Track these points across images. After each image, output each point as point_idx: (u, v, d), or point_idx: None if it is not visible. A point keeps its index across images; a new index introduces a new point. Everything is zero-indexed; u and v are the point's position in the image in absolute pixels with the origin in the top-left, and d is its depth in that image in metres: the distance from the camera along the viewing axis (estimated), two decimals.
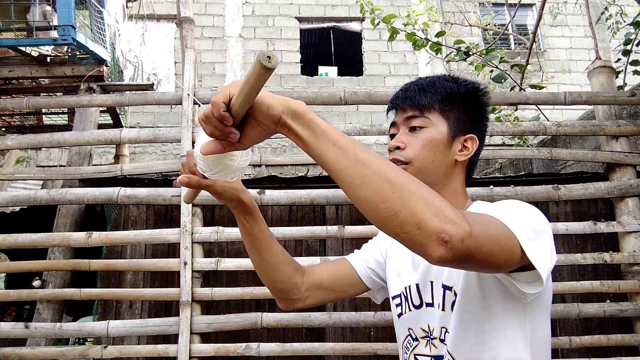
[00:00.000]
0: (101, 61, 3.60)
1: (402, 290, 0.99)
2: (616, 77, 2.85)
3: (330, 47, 9.08)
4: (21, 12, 3.94)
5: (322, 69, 8.64)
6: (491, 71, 3.65)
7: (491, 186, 2.53)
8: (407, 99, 0.94)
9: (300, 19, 8.60)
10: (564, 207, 2.76)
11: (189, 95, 2.64)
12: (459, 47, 3.50)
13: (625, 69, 3.28)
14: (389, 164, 0.65)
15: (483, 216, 0.69)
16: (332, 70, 8.66)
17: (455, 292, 0.86)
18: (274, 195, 2.53)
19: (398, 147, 0.92)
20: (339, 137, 0.66)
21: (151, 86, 3.89)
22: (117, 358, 2.42)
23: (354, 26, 8.69)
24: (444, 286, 0.89)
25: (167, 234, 2.51)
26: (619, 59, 3.37)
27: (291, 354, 2.43)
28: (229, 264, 2.48)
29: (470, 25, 6.84)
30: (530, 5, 8.97)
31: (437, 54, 3.55)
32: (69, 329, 2.50)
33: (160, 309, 2.65)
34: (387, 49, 8.48)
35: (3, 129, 4.86)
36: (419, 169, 0.90)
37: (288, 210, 2.82)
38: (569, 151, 2.69)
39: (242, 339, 2.50)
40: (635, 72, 3.11)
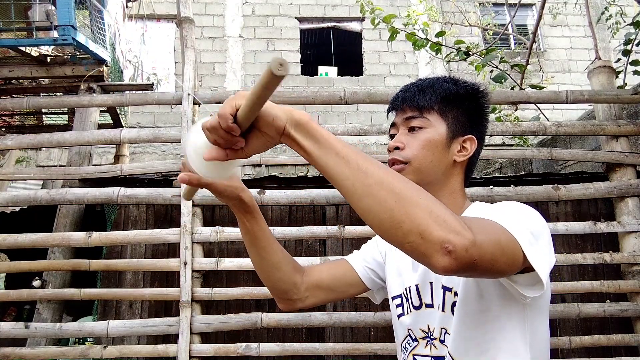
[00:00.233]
0: (101, 61, 3.60)
1: (402, 291, 1.00)
2: (616, 77, 2.85)
3: (330, 47, 9.08)
4: (21, 12, 3.94)
5: (322, 69, 8.64)
6: (491, 71, 3.65)
7: (491, 186, 2.53)
8: (406, 99, 0.95)
9: (300, 19, 8.60)
10: (564, 207, 2.76)
11: (189, 95, 2.64)
12: (459, 47, 3.50)
13: (625, 69, 3.28)
14: (392, 173, 0.65)
15: (485, 222, 0.69)
16: (332, 70, 8.66)
17: (455, 292, 0.87)
18: (274, 195, 2.53)
19: (397, 148, 0.93)
20: (341, 146, 0.66)
21: (151, 86, 3.89)
22: (117, 358, 2.42)
23: (354, 26, 8.69)
24: (443, 287, 0.89)
25: (167, 234, 2.51)
26: (619, 59, 3.37)
27: (291, 354, 2.43)
28: (229, 264, 2.48)
29: (470, 25, 6.84)
30: (530, 5, 8.97)
31: (437, 54, 3.55)
32: (69, 329, 2.50)
33: (160, 309, 2.65)
34: (387, 49, 8.48)
35: (3, 129, 4.86)
36: (418, 169, 0.91)
37: (288, 210, 2.82)
38: (569, 151, 2.69)
39: (242, 339, 2.50)
40: (635, 72, 3.11)
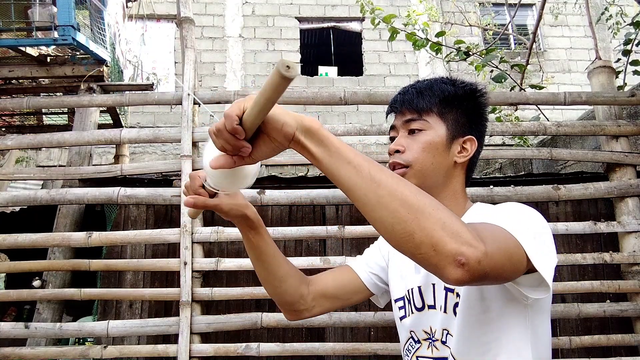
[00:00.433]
0: (101, 61, 3.60)
1: (405, 293, 1.00)
2: (616, 77, 2.85)
3: (330, 47, 9.08)
4: (21, 12, 3.94)
5: (322, 69, 8.64)
6: (491, 71, 3.65)
7: (491, 186, 2.53)
8: (405, 102, 0.95)
9: (300, 19, 8.60)
10: (564, 207, 2.76)
11: (189, 95, 2.64)
12: (459, 47, 3.50)
13: (625, 69, 3.28)
14: (404, 183, 0.64)
15: (493, 230, 0.69)
16: (332, 70, 8.66)
17: (457, 294, 0.86)
18: (274, 195, 2.53)
19: (398, 151, 0.93)
20: (353, 155, 0.65)
21: (151, 86, 3.89)
22: (117, 358, 2.42)
23: (354, 26, 8.69)
24: (446, 288, 0.89)
25: (167, 234, 2.51)
26: (619, 59, 3.37)
27: (291, 354, 2.43)
28: (229, 264, 2.48)
29: (470, 25, 6.84)
30: (530, 5, 8.97)
31: (437, 54, 3.55)
32: (69, 329, 2.50)
33: (160, 309, 2.65)
34: (387, 49, 8.48)
35: (3, 129, 4.86)
36: (419, 171, 0.91)
37: (288, 210, 2.82)
38: (569, 151, 2.69)
39: (242, 339, 2.50)
40: (635, 72, 3.11)
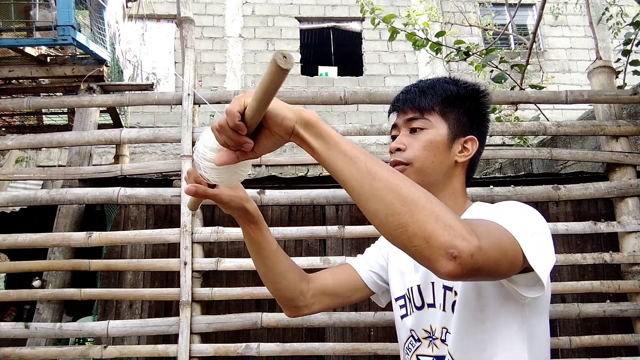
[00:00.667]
0: (101, 61, 3.60)
1: (405, 292, 1.00)
2: (616, 77, 2.85)
3: (330, 47, 9.08)
4: (21, 12, 3.94)
5: (322, 69, 8.64)
6: (491, 71, 3.65)
7: (491, 186, 2.53)
8: (407, 101, 0.95)
9: (300, 19, 8.60)
10: (564, 207, 2.76)
11: (189, 95, 2.64)
12: (459, 47, 3.50)
13: (625, 69, 3.28)
14: (400, 176, 0.65)
15: (489, 225, 0.69)
16: (332, 70, 8.66)
17: (455, 292, 0.87)
18: (274, 195, 2.53)
19: (399, 149, 0.93)
20: (350, 148, 0.67)
21: (151, 86, 3.89)
22: (117, 358, 2.42)
23: (354, 26, 8.69)
24: (444, 287, 0.89)
25: (167, 234, 2.51)
26: (619, 59, 3.37)
27: (291, 354, 2.43)
28: (229, 264, 2.48)
29: (470, 25, 6.84)
30: (530, 5, 8.97)
31: (437, 54, 3.55)
32: (69, 329, 2.50)
33: (160, 309, 2.65)
34: (387, 49, 8.48)
35: (3, 129, 4.86)
36: (419, 169, 0.91)
37: (288, 210, 2.82)
38: (569, 151, 2.69)
39: (242, 339, 2.50)
40: (635, 72, 3.11)
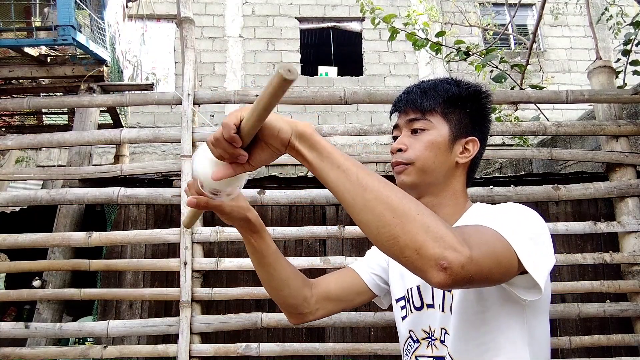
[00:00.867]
0: (101, 61, 3.60)
1: (405, 293, 1.00)
2: (616, 77, 2.85)
3: (330, 47, 9.08)
4: (21, 12, 3.93)
5: (322, 69, 8.64)
6: (491, 71, 3.65)
7: (491, 186, 2.53)
8: (409, 101, 0.95)
9: (300, 19, 8.60)
10: (564, 207, 2.76)
11: (189, 95, 2.64)
12: (459, 47, 3.50)
13: (625, 69, 3.28)
14: (391, 188, 0.66)
15: (482, 233, 0.69)
16: (332, 70, 8.66)
17: (453, 293, 0.86)
18: (274, 195, 2.53)
19: (400, 149, 0.93)
20: (343, 160, 0.68)
21: (151, 86, 3.89)
22: (117, 358, 2.42)
23: (354, 26, 8.68)
24: None
25: (167, 234, 2.51)
26: (618, 59, 3.37)
27: (291, 354, 2.43)
28: (229, 264, 2.48)
29: (470, 25, 6.84)
30: (530, 5, 8.97)
31: (437, 54, 3.55)
32: (69, 329, 2.50)
33: (160, 309, 2.65)
34: (387, 49, 8.48)
35: (3, 129, 4.86)
36: (420, 169, 0.91)
37: (288, 210, 2.82)
38: (569, 151, 2.69)
39: (242, 339, 2.50)
40: (635, 72, 3.11)
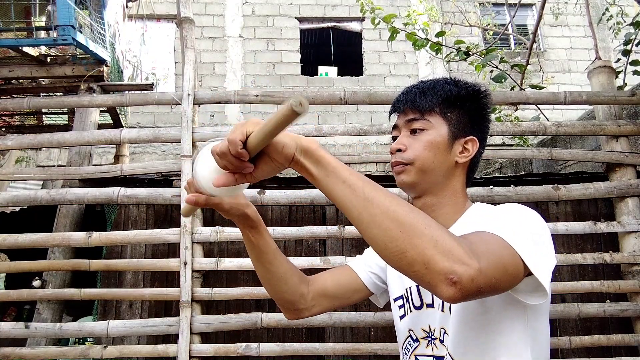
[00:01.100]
0: (101, 61, 3.60)
1: (403, 292, 1.00)
2: (616, 77, 2.85)
3: (330, 47, 9.08)
4: (21, 12, 3.94)
5: (322, 69, 8.64)
6: (491, 71, 3.65)
7: (491, 186, 2.53)
8: (408, 102, 0.95)
9: (300, 19, 8.60)
10: (564, 207, 2.76)
11: (189, 95, 2.64)
12: (459, 47, 3.50)
13: (625, 69, 3.28)
14: (398, 202, 0.65)
15: (488, 242, 0.68)
16: (332, 70, 8.66)
17: None
18: (274, 195, 2.53)
19: (399, 150, 0.94)
20: (348, 174, 0.67)
21: (151, 86, 3.89)
22: (117, 358, 2.42)
23: (354, 26, 8.68)
24: None
25: (167, 234, 2.51)
26: (619, 59, 3.37)
27: (291, 354, 2.43)
28: (229, 264, 2.48)
29: (470, 25, 6.83)
30: (530, 5, 8.97)
31: (437, 54, 3.55)
32: (69, 329, 2.50)
33: (160, 309, 2.65)
34: (387, 49, 8.48)
35: (3, 129, 4.86)
36: (419, 169, 0.91)
37: (288, 210, 2.82)
38: (569, 151, 2.69)
39: (242, 339, 2.50)
40: (635, 72, 3.11)
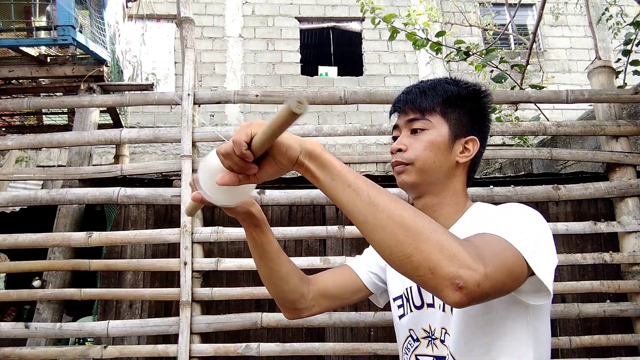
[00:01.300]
0: (101, 61, 3.60)
1: (403, 292, 0.99)
2: (616, 77, 2.85)
3: (330, 47, 9.08)
4: (21, 12, 3.93)
5: (322, 69, 8.64)
6: (491, 71, 3.65)
7: (491, 186, 2.53)
8: (408, 102, 0.95)
9: (300, 19, 8.60)
10: (564, 207, 2.76)
11: (189, 95, 2.64)
12: (459, 47, 3.50)
13: (625, 69, 3.28)
14: (404, 206, 0.65)
15: (492, 245, 0.68)
16: (332, 70, 8.66)
17: None
18: (274, 195, 2.53)
19: (400, 150, 0.94)
20: (353, 178, 0.67)
21: (151, 86, 3.89)
22: (117, 358, 2.42)
23: (354, 26, 8.68)
24: None
25: (167, 234, 2.51)
26: (619, 59, 3.37)
27: (291, 354, 2.43)
28: (229, 264, 2.48)
29: (470, 25, 6.83)
30: (530, 5, 8.97)
31: (437, 54, 3.55)
32: (69, 329, 2.50)
33: (160, 309, 2.65)
34: (387, 49, 8.48)
35: (3, 129, 4.86)
36: (420, 169, 0.91)
37: (288, 210, 2.82)
38: (569, 151, 2.68)
39: (242, 339, 2.50)
40: (635, 72, 3.11)
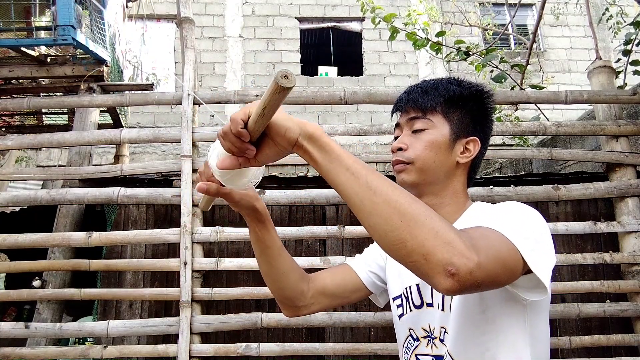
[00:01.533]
0: (101, 61, 3.60)
1: (402, 291, 0.99)
2: (616, 77, 2.85)
3: (330, 47, 9.08)
4: (21, 12, 3.93)
5: (322, 69, 8.64)
6: (491, 71, 3.65)
7: (491, 186, 2.53)
8: (410, 101, 0.95)
9: (300, 19, 8.60)
10: (564, 207, 2.76)
11: (189, 95, 2.64)
12: (459, 47, 3.50)
13: (625, 69, 3.28)
14: (401, 192, 0.65)
15: (488, 237, 0.69)
16: (332, 70, 8.66)
17: None
18: (274, 195, 2.53)
19: (400, 149, 0.93)
20: (352, 162, 0.67)
21: (151, 86, 3.89)
22: (117, 358, 2.42)
23: (354, 26, 8.68)
24: None
25: (167, 234, 2.51)
26: (619, 59, 3.37)
27: (291, 354, 2.43)
28: (229, 264, 2.48)
29: (470, 25, 6.83)
30: (530, 5, 8.97)
31: (437, 53, 3.55)
32: (69, 329, 2.50)
33: (160, 309, 2.65)
34: (387, 49, 8.48)
35: (3, 129, 4.86)
36: (421, 169, 0.91)
37: (288, 210, 2.82)
38: (569, 151, 2.69)
39: (242, 339, 2.50)
40: (636, 72, 3.11)
